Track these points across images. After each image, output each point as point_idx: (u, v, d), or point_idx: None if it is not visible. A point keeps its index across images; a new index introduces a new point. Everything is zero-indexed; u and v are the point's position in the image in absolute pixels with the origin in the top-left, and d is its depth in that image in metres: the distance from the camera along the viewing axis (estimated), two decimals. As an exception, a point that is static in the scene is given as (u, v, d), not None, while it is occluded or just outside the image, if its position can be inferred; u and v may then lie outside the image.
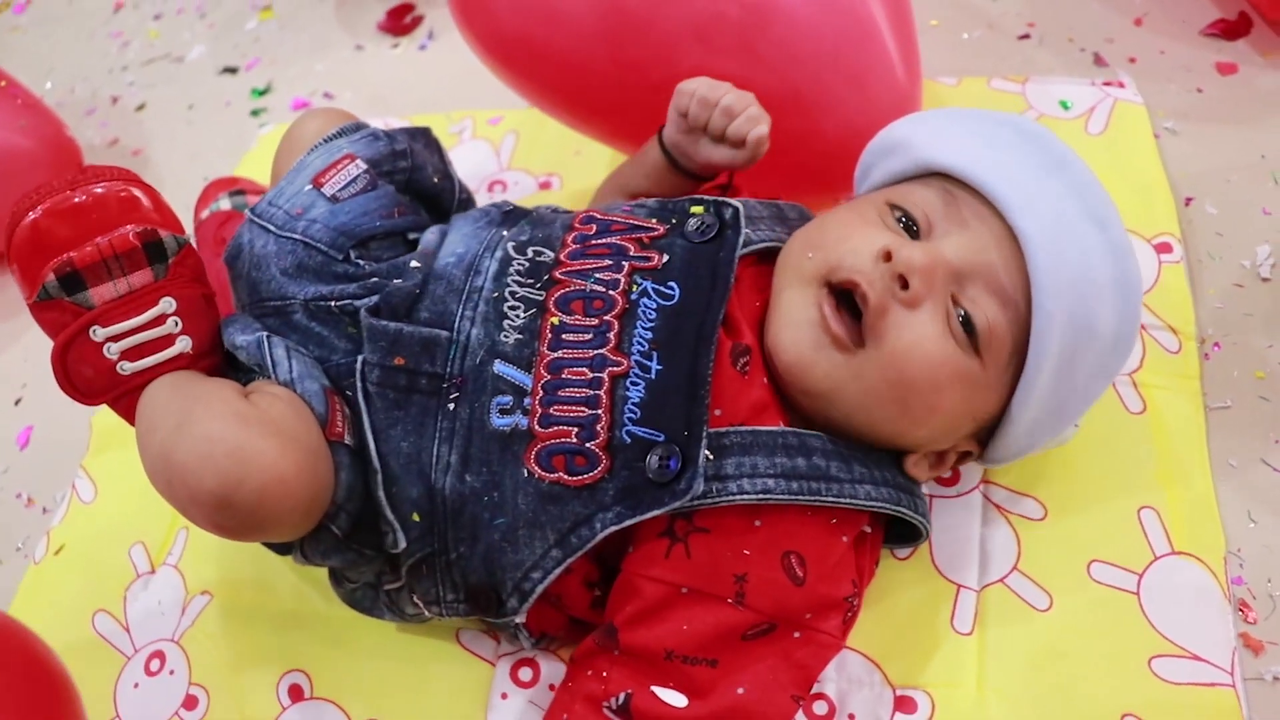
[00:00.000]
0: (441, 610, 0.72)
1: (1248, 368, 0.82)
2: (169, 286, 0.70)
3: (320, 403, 0.67)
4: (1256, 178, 0.93)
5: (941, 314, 0.64)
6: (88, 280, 0.67)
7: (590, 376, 0.66)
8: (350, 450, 0.68)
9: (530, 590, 0.66)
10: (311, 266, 0.75)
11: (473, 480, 0.67)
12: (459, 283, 0.71)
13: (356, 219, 0.77)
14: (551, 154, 1.14)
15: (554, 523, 0.65)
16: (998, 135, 0.69)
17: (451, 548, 0.68)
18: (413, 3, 1.45)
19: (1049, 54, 1.10)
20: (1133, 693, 0.67)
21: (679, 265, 0.70)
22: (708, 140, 0.80)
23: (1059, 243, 0.63)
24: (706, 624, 0.64)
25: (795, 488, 0.64)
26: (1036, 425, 0.68)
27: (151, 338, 0.69)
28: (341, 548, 0.69)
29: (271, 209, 0.78)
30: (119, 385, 0.69)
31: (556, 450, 0.65)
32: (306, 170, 0.79)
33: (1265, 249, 0.88)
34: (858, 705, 0.71)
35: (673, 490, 0.62)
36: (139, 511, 0.95)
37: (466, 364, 0.68)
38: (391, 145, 0.83)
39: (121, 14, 1.65)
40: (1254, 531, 0.74)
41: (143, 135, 1.41)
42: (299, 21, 1.51)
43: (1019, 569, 0.74)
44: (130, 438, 0.70)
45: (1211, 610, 0.70)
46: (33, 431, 1.08)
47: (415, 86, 1.33)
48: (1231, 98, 1.01)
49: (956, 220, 0.66)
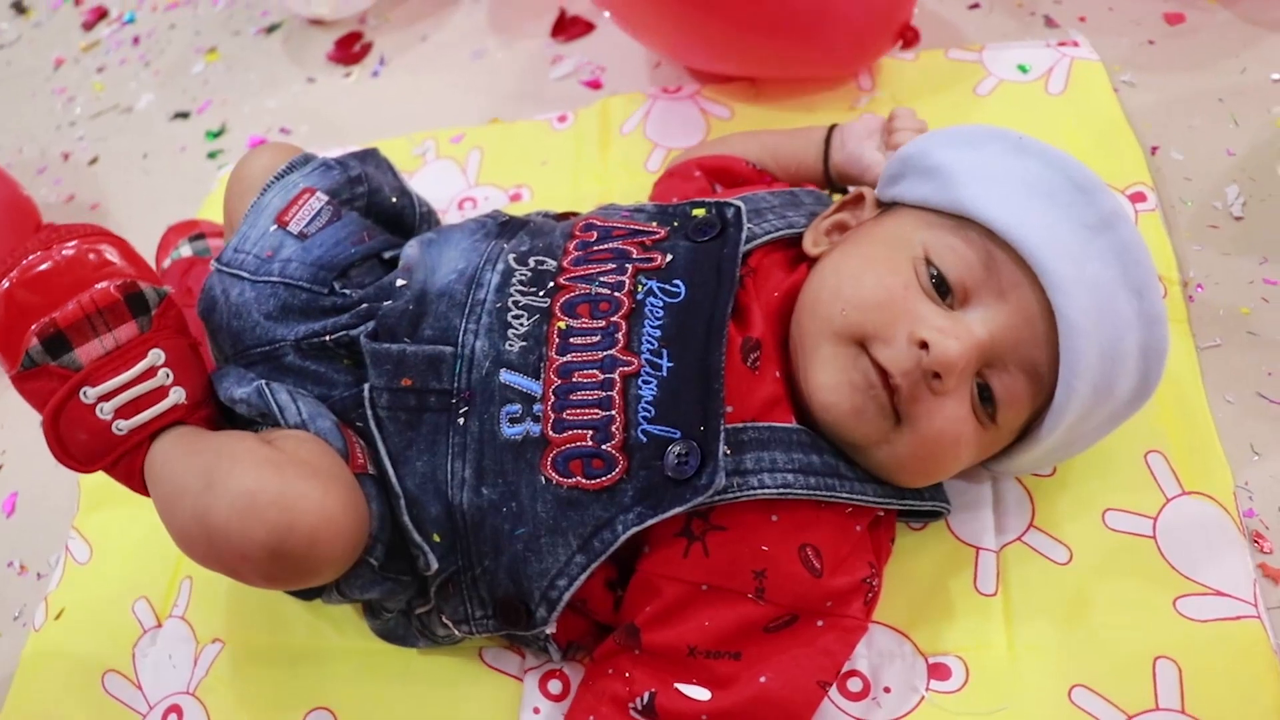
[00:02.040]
0: (471, 628, 0.71)
1: (1232, 305, 0.83)
2: (156, 338, 0.68)
3: (337, 439, 0.67)
4: (1217, 121, 0.95)
5: (966, 394, 0.64)
6: (72, 340, 0.65)
7: (601, 378, 0.65)
8: (374, 480, 0.67)
9: (558, 598, 0.65)
10: (297, 306, 0.74)
11: (489, 493, 0.66)
12: (461, 297, 0.70)
13: (330, 250, 0.76)
14: (518, 166, 1.13)
15: (575, 528, 0.64)
16: (1045, 182, 0.65)
17: (476, 563, 0.68)
18: (360, 31, 1.44)
19: (1001, 20, 1.11)
20: (1162, 635, 0.68)
21: (683, 264, 0.70)
22: (877, 145, 0.85)
23: (1096, 321, 0.61)
24: (728, 619, 0.64)
25: (813, 483, 0.64)
26: (1041, 458, 0.71)
27: (144, 391, 0.67)
28: (379, 579, 0.67)
29: (240, 255, 0.76)
30: (117, 447, 0.67)
31: (573, 454, 0.64)
32: (267, 211, 0.78)
33: (1234, 189, 0.89)
34: (892, 678, 0.71)
35: (694, 486, 0.62)
36: (139, 566, 0.93)
37: (473, 377, 0.67)
38: (346, 173, 0.82)
39: (63, 70, 1.63)
40: (1259, 463, 0.75)
41: (99, 189, 1.38)
42: (246, 60, 1.49)
43: (1035, 525, 0.75)
44: (121, 492, 0.69)
45: (1228, 545, 0.71)
46: (17, 497, 1.06)
47: (372, 113, 1.32)
48: (1182, 46, 1.02)
49: (994, 290, 0.64)
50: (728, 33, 0.99)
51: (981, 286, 0.64)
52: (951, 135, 0.72)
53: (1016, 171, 0.66)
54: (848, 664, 0.71)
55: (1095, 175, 0.65)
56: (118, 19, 1.69)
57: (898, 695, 0.70)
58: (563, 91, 1.23)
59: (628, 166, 1.07)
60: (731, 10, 0.96)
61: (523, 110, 1.22)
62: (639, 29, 1.10)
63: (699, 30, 1.02)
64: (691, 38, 1.05)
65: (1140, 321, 0.63)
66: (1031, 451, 0.68)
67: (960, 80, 1.04)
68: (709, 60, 1.10)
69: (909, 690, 0.70)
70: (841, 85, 1.07)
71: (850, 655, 0.68)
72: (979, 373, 0.64)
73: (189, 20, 1.62)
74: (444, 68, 1.34)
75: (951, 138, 0.71)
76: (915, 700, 0.69)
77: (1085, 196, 0.64)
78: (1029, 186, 0.65)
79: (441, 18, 1.42)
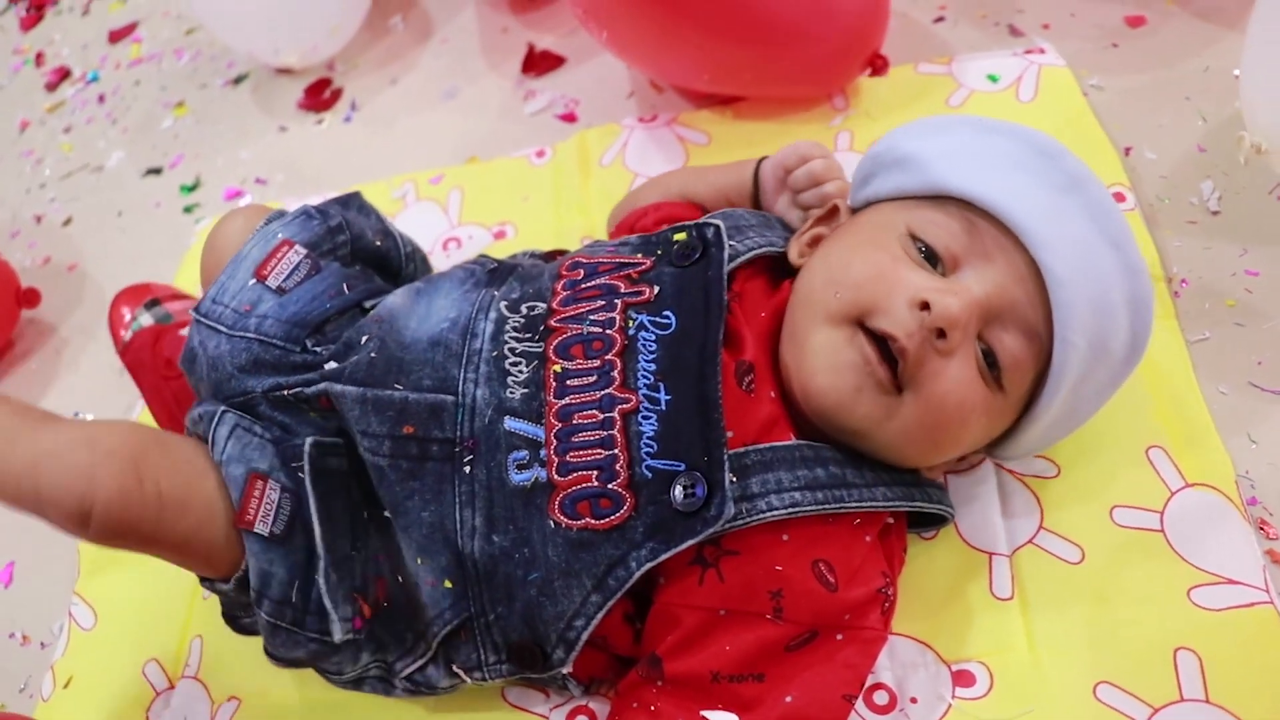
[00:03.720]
0: (484, 675, 0.70)
1: (1218, 298, 0.85)
2: None
3: (237, 489, 0.67)
4: (1186, 119, 0.97)
5: (971, 355, 0.65)
6: None
7: (601, 417, 0.66)
8: (265, 540, 0.66)
9: (575, 639, 0.65)
10: (269, 361, 0.74)
11: (500, 540, 0.66)
12: (456, 347, 0.70)
13: (306, 306, 0.77)
14: (500, 204, 1.14)
15: (589, 569, 0.64)
16: (1010, 153, 0.69)
17: (489, 609, 0.68)
18: (329, 78, 1.44)
19: (966, 31, 1.13)
20: (1179, 626, 0.69)
21: (670, 293, 0.70)
22: (790, 198, 0.83)
23: (1080, 274, 0.64)
24: (748, 642, 0.64)
25: (821, 497, 0.65)
26: (1045, 433, 0.71)
27: None
28: (298, 636, 0.68)
29: (218, 307, 0.77)
30: None
31: (579, 496, 0.64)
32: (245, 262, 0.78)
33: (1209, 184, 0.91)
34: (917, 688, 0.71)
35: (704, 518, 0.62)
36: (146, 628, 0.92)
37: (476, 425, 0.68)
38: (326, 222, 0.82)
39: (29, 132, 1.62)
40: (1258, 452, 0.76)
41: (75, 250, 1.37)
42: (215, 113, 1.49)
43: (1045, 528, 0.76)
44: (122, 555, 0.68)
45: (1234, 534, 0.72)
46: (14, 567, 1.05)
47: (348, 158, 1.32)
48: (1146, 47, 1.05)
49: (980, 253, 0.66)
50: (708, 45, 1.01)
51: (968, 252, 0.66)
52: (916, 127, 0.75)
53: (983, 148, 0.70)
54: (872, 678, 0.71)
55: (1057, 142, 0.69)
56: (81, 78, 1.68)
57: (925, 705, 0.70)
58: (538, 126, 1.24)
59: (610, 197, 1.07)
60: (712, 23, 0.99)
61: (500, 147, 1.22)
62: (625, 47, 1.12)
63: (681, 41, 1.03)
64: (674, 50, 1.07)
65: (1123, 273, 0.65)
66: (1039, 423, 0.69)
67: (932, 93, 1.05)
68: (690, 75, 1.11)
69: (936, 699, 0.70)
70: (816, 105, 1.09)
71: (873, 666, 0.68)
72: (981, 336, 0.65)
73: (154, 76, 1.61)
74: (416, 110, 1.34)
75: (916, 129, 0.75)
76: (943, 709, 0.70)
77: (1051, 161, 0.68)
78: (997, 159, 0.69)
79: (409, 60, 1.42)
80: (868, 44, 1.02)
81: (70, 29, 1.81)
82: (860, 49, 1.02)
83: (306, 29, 1.35)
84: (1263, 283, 0.84)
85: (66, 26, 1.82)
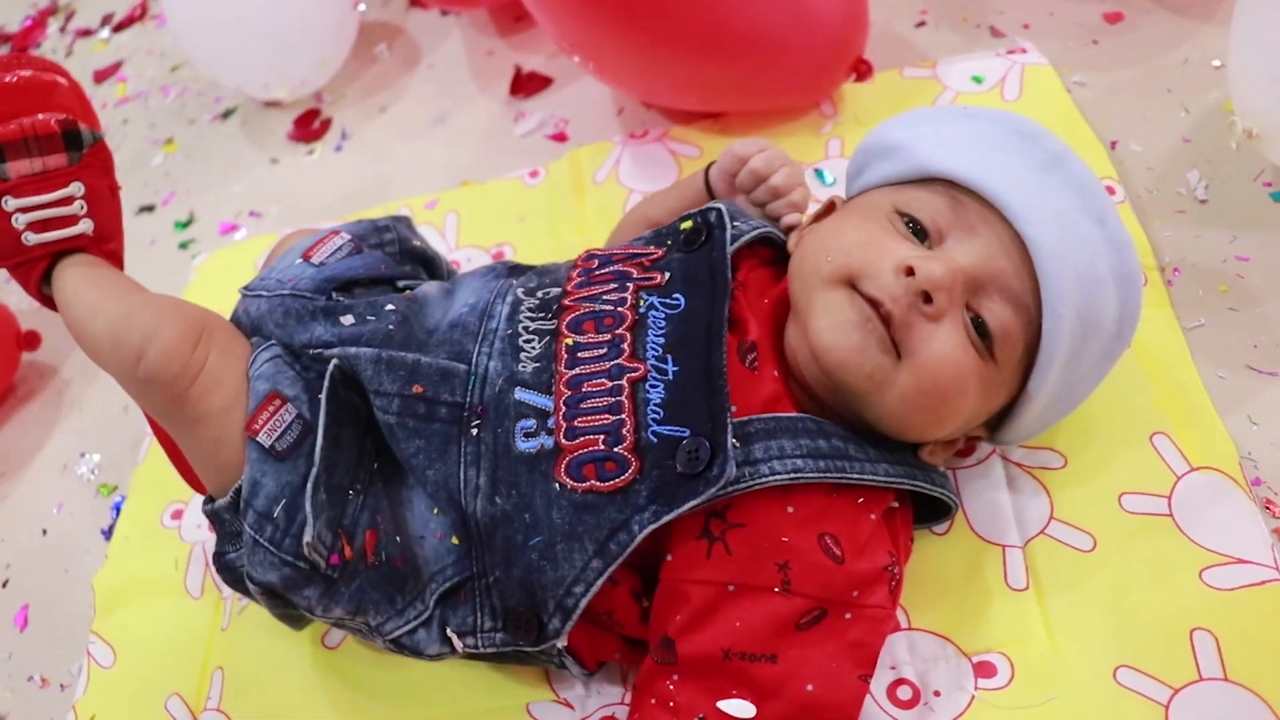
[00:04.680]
0: (478, 641, 0.70)
1: (1211, 284, 0.86)
2: (80, 173, 0.79)
3: (255, 400, 0.70)
4: (1168, 111, 0.99)
5: (960, 323, 0.66)
6: (7, 155, 0.76)
7: (610, 385, 0.68)
8: (264, 451, 0.68)
9: (573, 606, 0.66)
10: (295, 310, 0.77)
11: (503, 503, 0.68)
12: (474, 327, 0.74)
13: (340, 271, 0.81)
14: (496, 225, 1.15)
15: (591, 532, 0.65)
16: (993, 136, 0.72)
17: (489, 571, 0.69)
18: (317, 108, 1.45)
19: (948, 35, 1.15)
20: (1194, 607, 0.70)
21: (679, 277, 0.73)
22: (743, 200, 0.84)
23: (1064, 246, 0.66)
24: (758, 617, 0.64)
25: (823, 466, 0.66)
26: (1044, 412, 0.72)
27: (58, 215, 0.78)
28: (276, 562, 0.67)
29: (263, 281, 0.81)
30: (21, 254, 0.78)
31: (586, 459, 0.66)
32: (295, 250, 0.83)
33: (1195, 174, 0.93)
34: (940, 680, 0.72)
35: (706, 479, 0.63)
36: (166, 663, 0.92)
37: (486, 393, 0.70)
38: (374, 224, 0.88)
39: (18, 177, 1.62)
40: (1259, 433, 0.78)
41: (71, 291, 1.37)
42: (205, 148, 1.50)
43: (1055, 518, 0.77)
44: (137, 591, 0.69)
45: (1241, 514, 0.73)
46: (29, 610, 1.05)
47: (341, 187, 1.33)
48: (1125, 42, 1.07)
49: (965, 227, 0.68)
50: (694, 68, 1.03)
51: (952, 225, 0.69)
52: (903, 117, 0.78)
53: (966, 132, 0.73)
54: (894, 673, 0.72)
55: (1037, 123, 0.71)
56: (68, 120, 1.68)
57: (948, 698, 0.71)
58: (529, 147, 1.25)
59: (606, 214, 1.09)
60: (696, 47, 1.00)
61: (492, 169, 1.24)
62: (612, 75, 1.13)
63: (667, 67, 1.05)
64: (661, 75, 1.08)
65: (1108, 247, 0.67)
66: (1036, 401, 0.70)
67: (918, 97, 1.07)
68: (679, 97, 1.13)
69: (958, 691, 0.71)
70: (805, 114, 1.10)
71: (882, 645, 0.68)
72: (969, 306, 0.67)
73: (141, 114, 1.62)
74: (407, 136, 1.36)
75: (903, 119, 0.78)
76: (966, 700, 0.71)
77: (1032, 141, 0.70)
78: (980, 142, 0.72)
79: (397, 88, 1.44)
80: (851, 51, 1.04)
81: (54, 71, 1.81)
82: (844, 57, 1.04)
83: (295, 63, 1.37)
84: (1254, 267, 0.86)
85: (50, 69, 1.82)
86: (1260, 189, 0.90)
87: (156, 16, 1.81)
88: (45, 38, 1.90)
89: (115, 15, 1.85)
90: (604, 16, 1.01)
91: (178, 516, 1.02)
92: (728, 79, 1.05)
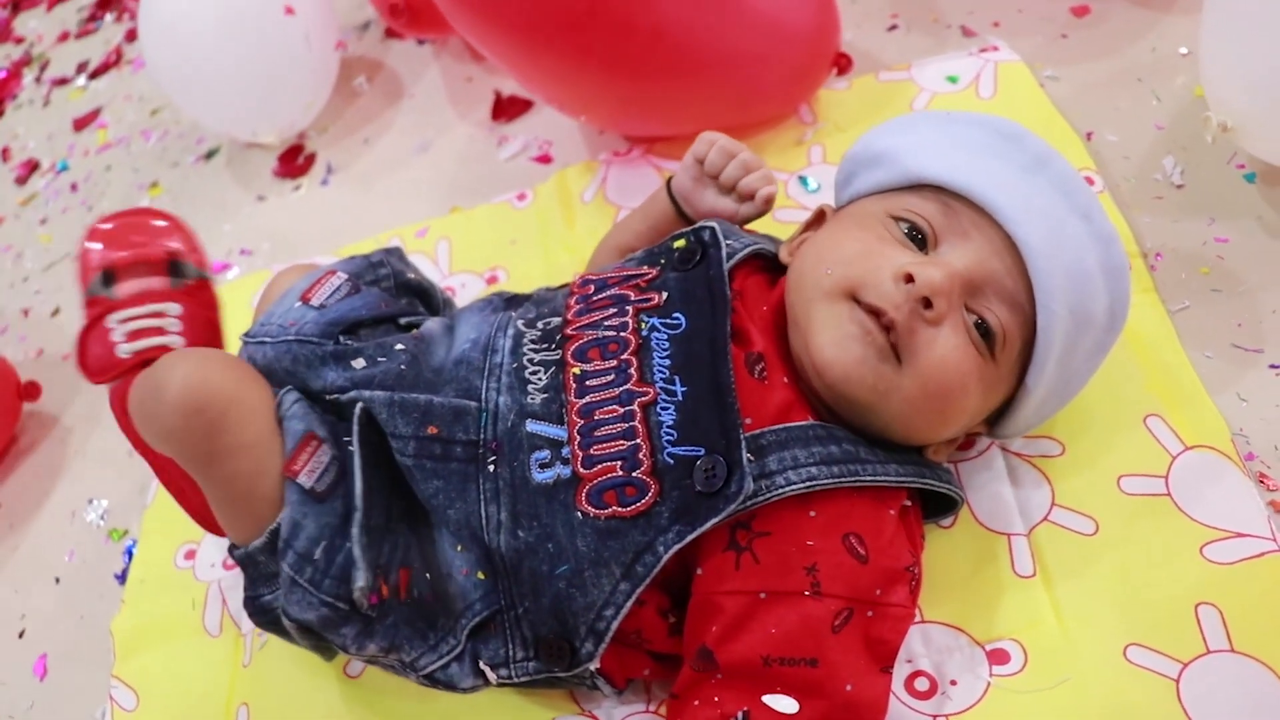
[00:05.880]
0: (511, 672, 0.72)
1: (1193, 267, 0.88)
2: (178, 296, 0.87)
3: (293, 440, 0.71)
4: (1140, 100, 1.02)
5: (960, 325, 0.68)
6: (119, 277, 0.86)
7: (622, 411, 0.69)
8: (305, 493, 0.69)
9: (605, 630, 0.67)
10: (304, 357, 0.78)
11: (525, 535, 0.69)
12: (478, 363, 0.75)
13: (344, 313, 0.82)
14: (488, 249, 1.17)
15: (617, 556, 0.66)
16: (977, 139, 0.74)
17: (518, 602, 0.70)
18: (300, 144, 1.47)
19: (919, 38, 1.18)
20: (1198, 582, 0.72)
21: (677, 296, 0.74)
22: (715, 191, 0.85)
23: (1054, 244, 0.68)
24: (792, 621, 0.65)
25: (837, 471, 0.68)
26: (1042, 405, 0.75)
27: (149, 326, 0.85)
28: (315, 601, 0.68)
29: (264, 327, 0.81)
30: (117, 367, 0.84)
31: (605, 486, 0.67)
32: (292, 292, 0.84)
33: (1170, 160, 0.96)
34: (955, 670, 0.74)
35: (725, 495, 0.65)
36: (190, 703, 0.92)
37: (499, 428, 0.71)
38: (368, 260, 0.89)
39: (4, 228, 1.63)
40: (1249, 409, 0.80)
41: (66, 339, 1.38)
42: (191, 189, 1.51)
43: (1057, 504, 0.79)
44: (156, 634, 0.69)
45: (1237, 489, 0.76)
46: (48, 659, 1.05)
47: (330, 221, 1.34)
48: (1093, 35, 1.10)
49: (958, 231, 0.70)
50: (680, 103, 1.05)
51: (946, 230, 0.71)
52: (887, 126, 0.80)
53: (950, 138, 0.76)
54: (911, 666, 0.74)
55: (1019, 124, 0.74)
56: (50, 169, 1.69)
57: (965, 687, 0.73)
58: (515, 170, 1.27)
59: (597, 233, 1.09)
60: (670, 80, 1.02)
61: (480, 195, 1.25)
62: (600, 122, 1.16)
63: (652, 110, 1.07)
64: (645, 117, 1.11)
65: (1094, 242, 0.69)
66: (1034, 395, 0.72)
67: (895, 100, 1.09)
68: (666, 130, 1.15)
69: (974, 679, 0.73)
70: (785, 123, 1.12)
71: (902, 641, 0.70)
72: (969, 308, 0.69)
73: (124, 159, 1.63)
74: (392, 167, 1.37)
75: (887, 128, 0.80)
76: (982, 688, 0.72)
77: (1015, 143, 0.73)
78: (964, 146, 0.74)
79: (379, 121, 1.45)
80: (826, 58, 1.06)
81: (33, 121, 1.82)
82: (820, 63, 1.06)
83: (282, 107, 1.37)
84: (1233, 248, 0.88)
85: (29, 119, 1.83)
86: (1234, 171, 0.93)
87: (132, 61, 1.81)
88: (21, 88, 1.91)
89: (91, 62, 1.86)
90: (557, 56, 1.01)
91: (191, 557, 1.02)
92: (712, 105, 1.06)
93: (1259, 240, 0.88)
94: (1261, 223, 0.89)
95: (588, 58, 1.00)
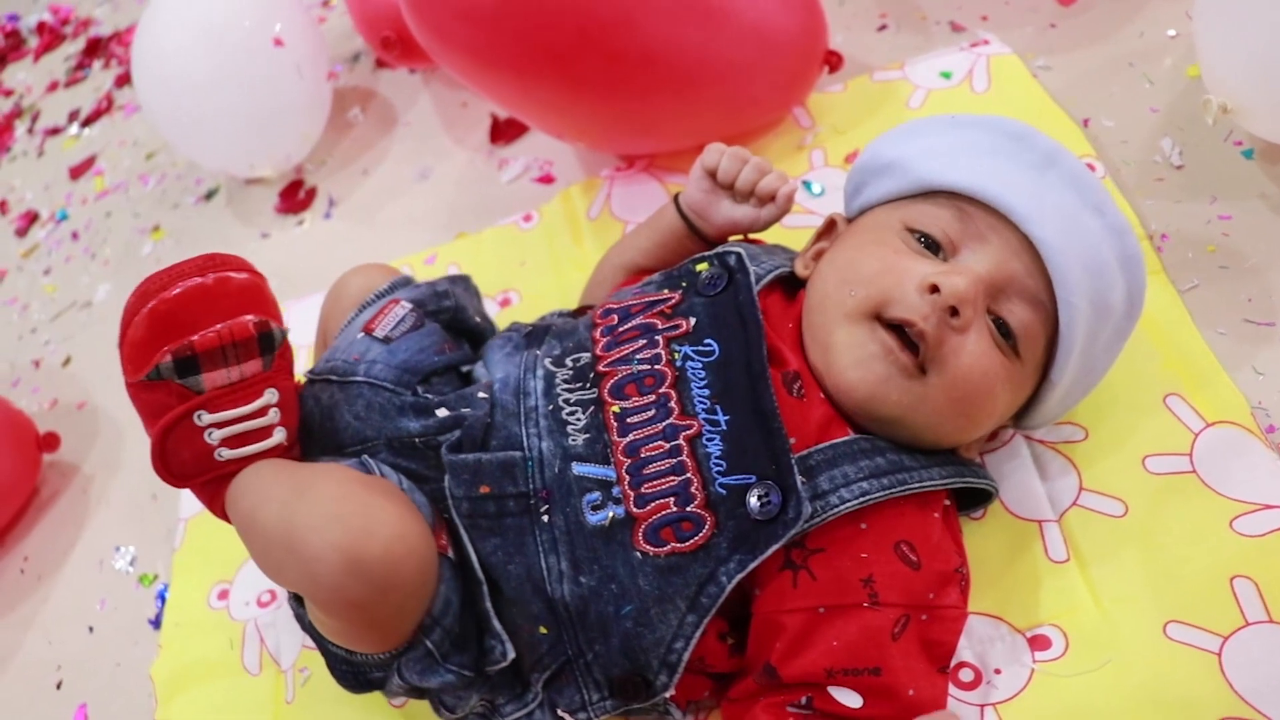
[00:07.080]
0: (590, 714, 0.73)
1: (1199, 246, 0.90)
2: (274, 378, 0.74)
3: (428, 512, 0.71)
4: (1133, 84, 1.03)
5: (984, 329, 0.69)
6: (203, 365, 0.70)
7: (668, 446, 0.69)
8: (450, 563, 0.70)
9: (677, 661, 0.68)
10: (379, 405, 0.78)
11: (588, 580, 0.69)
12: (513, 406, 0.74)
13: (414, 356, 0.81)
14: (499, 273, 1.17)
15: (681, 591, 0.67)
16: (984, 142, 0.75)
17: (586, 649, 0.70)
18: (300, 179, 1.47)
19: (909, 36, 1.19)
20: (1230, 556, 0.73)
21: (706, 322, 0.74)
22: (730, 200, 0.85)
23: (1070, 240, 0.69)
24: (853, 633, 0.67)
25: (887, 483, 0.69)
26: (1066, 396, 0.76)
27: (254, 427, 0.73)
28: (438, 667, 0.70)
29: (329, 364, 0.81)
30: (213, 470, 0.73)
31: (661, 524, 0.68)
32: (356, 323, 0.84)
33: (1168, 141, 0.97)
34: (998, 659, 0.75)
35: (783, 522, 0.66)
36: (235, 743, 0.93)
37: (547, 475, 0.71)
38: (433, 288, 0.88)
39: (8, 280, 1.64)
40: (1266, 382, 0.81)
41: (79, 388, 1.39)
42: (194, 230, 1.52)
43: (1085, 488, 0.80)
44: (195, 673, 0.68)
45: (1260, 462, 0.77)
46: (87, 709, 1.05)
47: (336, 254, 1.35)
48: (1081, 23, 1.11)
49: (975, 236, 0.71)
50: (679, 118, 1.06)
51: (963, 236, 0.72)
52: (894, 134, 0.81)
53: (959, 142, 0.76)
54: (954, 659, 0.75)
55: (1025, 124, 0.75)
56: (50, 219, 1.70)
57: (1009, 675, 0.74)
58: (518, 192, 1.28)
59: (605, 249, 1.11)
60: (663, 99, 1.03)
61: (486, 218, 1.26)
62: (599, 146, 1.17)
63: (650, 128, 1.08)
64: (645, 136, 1.12)
65: (1109, 235, 0.71)
66: (1059, 387, 0.74)
67: (890, 99, 1.11)
68: (666, 146, 1.16)
69: (1018, 667, 0.74)
70: (784, 129, 1.13)
71: (958, 641, 0.72)
72: (990, 310, 0.70)
73: (123, 204, 1.64)
74: (395, 196, 1.38)
75: (894, 136, 0.81)
76: (1026, 675, 0.73)
77: (1023, 142, 0.74)
78: (973, 149, 0.75)
79: (377, 150, 1.46)
80: (815, 59, 1.07)
81: (29, 172, 1.83)
82: (810, 65, 1.07)
83: (278, 139, 1.38)
84: (1237, 225, 0.89)
85: (24, 170, 1.84)
86: (1232, 149, 0.94)
87: (124, 107, 1.83)
88: (14, 140, 1.92)
89: (82, 110, 1.87)
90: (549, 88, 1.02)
91: (224, 597, 1.03)
92: (699, 117, 1.07)
93: (1262, 215, 0.89)
94: (1264, 198, 0.90)
95: (579, 86, 1.01)
